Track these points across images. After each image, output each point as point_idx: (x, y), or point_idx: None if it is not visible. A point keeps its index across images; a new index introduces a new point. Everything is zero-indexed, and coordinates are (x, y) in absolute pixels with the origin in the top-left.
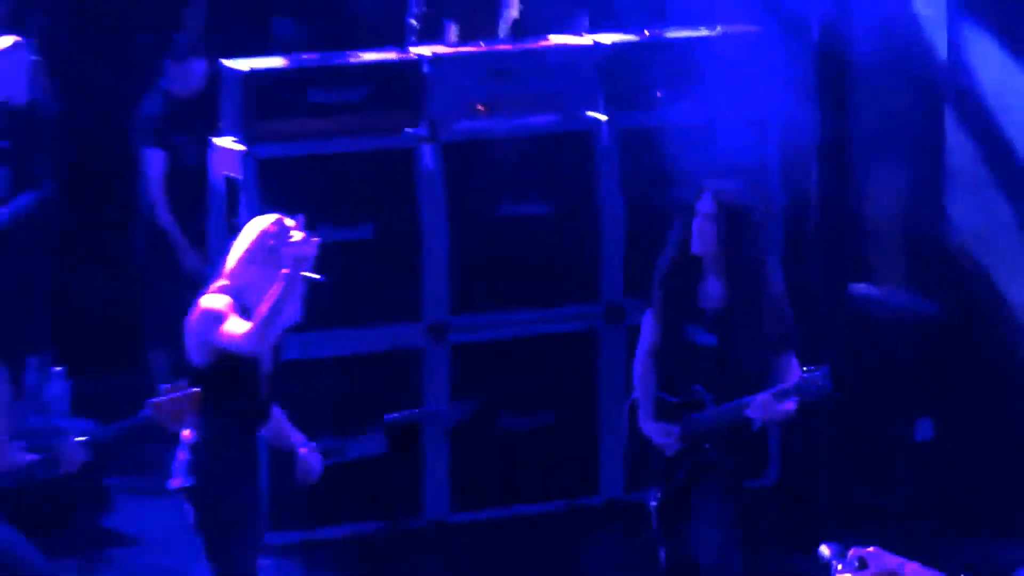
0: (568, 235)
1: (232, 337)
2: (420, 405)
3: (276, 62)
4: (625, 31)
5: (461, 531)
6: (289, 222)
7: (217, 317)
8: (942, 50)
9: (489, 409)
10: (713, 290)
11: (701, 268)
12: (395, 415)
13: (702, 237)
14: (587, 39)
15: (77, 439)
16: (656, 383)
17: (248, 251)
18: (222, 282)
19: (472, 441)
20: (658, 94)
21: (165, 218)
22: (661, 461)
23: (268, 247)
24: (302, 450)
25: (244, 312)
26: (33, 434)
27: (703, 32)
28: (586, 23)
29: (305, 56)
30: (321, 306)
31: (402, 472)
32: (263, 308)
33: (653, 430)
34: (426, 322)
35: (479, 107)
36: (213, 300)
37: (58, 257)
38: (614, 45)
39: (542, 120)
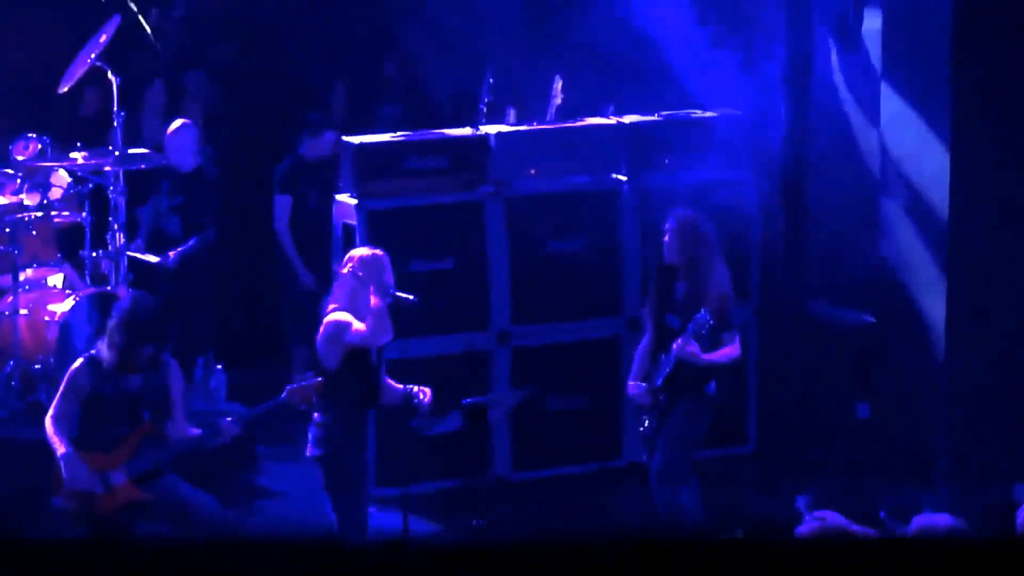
0: (599, 265)
1: (359, 332)
2: (488, 392)
3: (381, 137)
4: (642, 113)
5: (520, 486)
6: (367, 252)
7: (346, 326)
8: (874, 135)
9: (539, 395)
10: (680, 287)
11: (675, 272)
12: (469, 400)
13: (668, 248)
14: (613, 120)
15: (232, 417)
16: (649, 357)
17: (351, 281)
18: (336, 305)
19: (528, 418)
20: (666, 161)
21: (290, 250)
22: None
23: (361, 277)
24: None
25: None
26: (200, 416)
27: (699, 114)
28: (612, 108)
29: (402, 133)
30: (414, 319)
31: (475, 442)
32: (369, 320)
33: (631, 388)
34: (494, 330)
35: (532, 171)
36: (339, 316)
37: (220, 279)
38: (633, 124)
39: (579, 180)
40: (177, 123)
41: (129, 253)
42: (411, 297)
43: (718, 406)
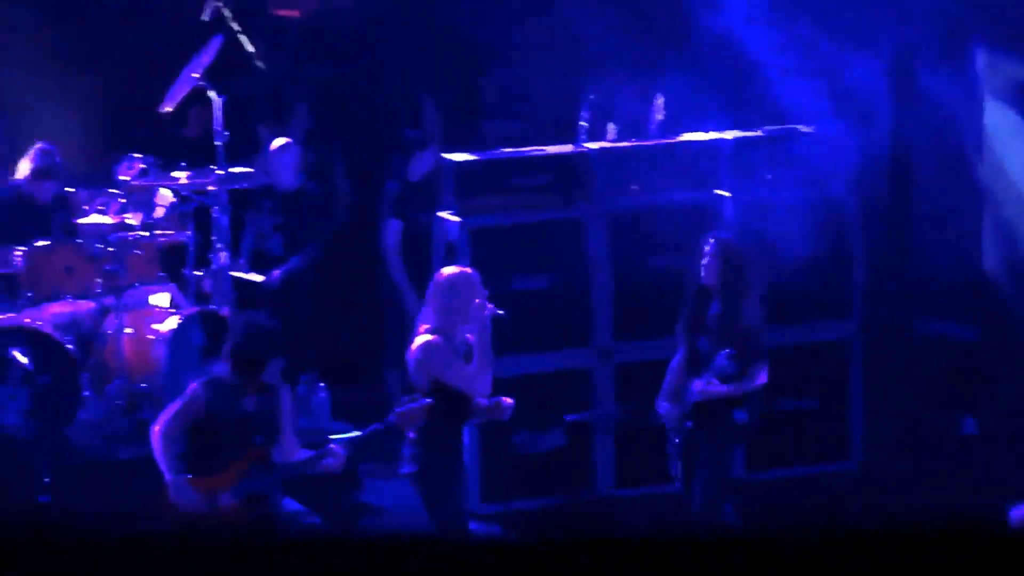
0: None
1: (460, 381)
2: (590, 409)
3: (483, 155)
4: (743, 129)
5: (622, 502)
6: (456, 271)
7: (444, 360)
8: (978, 146)
9: (642, 411)
10: (713, 310)
11: (710, 294)
12: (572, 416)
13: (705, 271)
14: (714, 135)
15: (342, 439)
16: (681, 374)
17: (444, 299)
18: (427, 326)
19: (630, 434)
20: (768, 176)
21: (398, 275)
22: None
23: (460, 296)
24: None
25: (454, 347)
26: (304, 434)
27: (801, 129)
28: (714, 124)
29: (504, 150)
30: (516, 336)
31: (577, 459)
32: (475, 365)
33: (660, 407)
34: (595, 347)
35: (633, 187)
36: (432, 341)
37: (322, 300)
38: (735, 140)
39: (681, 196)
40: (279, 142)
41: (232, 273)
42: (501, 312)
43: (750, 431)
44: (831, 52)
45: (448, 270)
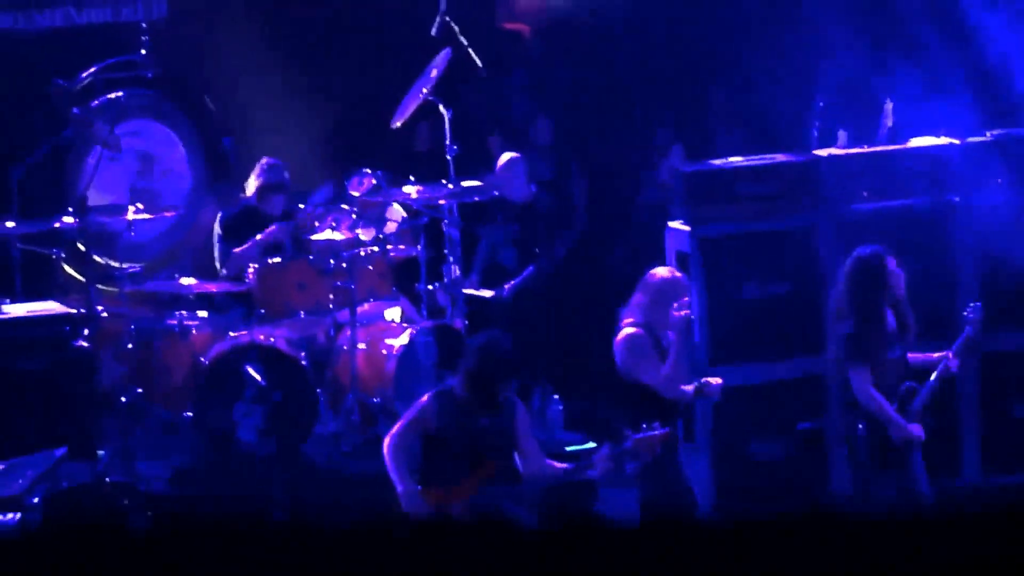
0: (933, 288)
1: (652, 381)
2: (824, 417)
3: (713, 164)
4: (975, 135)
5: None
6: (667, 273)
7: (641, 354)
8: None
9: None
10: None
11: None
12: (805, 424)
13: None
14: (944, 140)
15: (605, 453)
16: None
17: (650, 298)
18: (632, 319)
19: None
20: (999, 180)
21: None
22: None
23: (665, 297)
24: None
25: (656, 344)
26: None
27: None
28: (942, 129)
29: (734, 158)
30: (748, 345)
31: (811, 467)
32: (668, 367)
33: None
34: (827, 355)
35: (864, 194)
36: (635, 334)
37: (555, 312)
38: (965, 144)
39: (912, 202)
40: (507, 156)
41: (464, 291)
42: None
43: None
44: None
45: (659, 271)
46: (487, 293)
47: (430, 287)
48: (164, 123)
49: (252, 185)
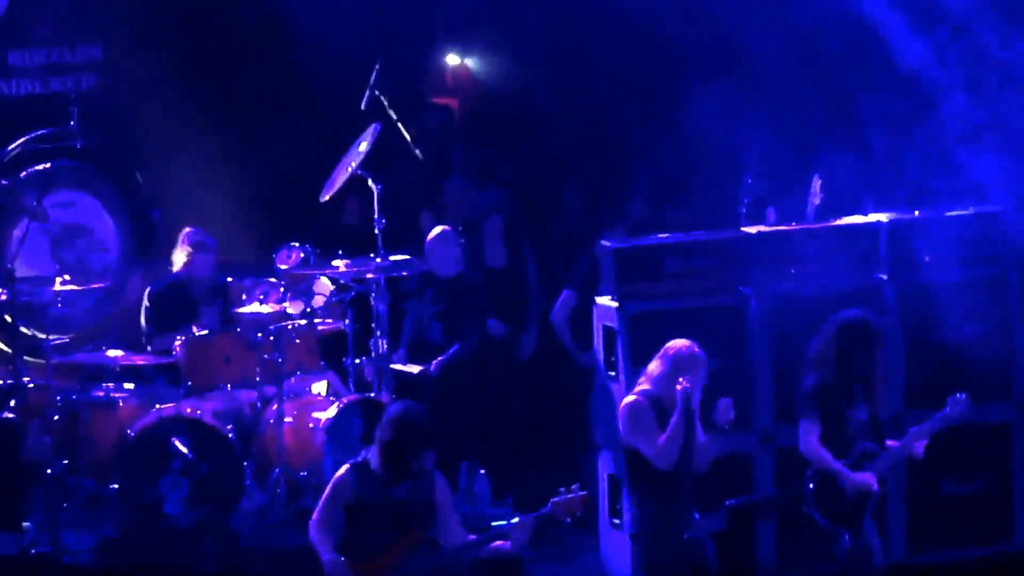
0: None
1: (645, 450)
2: (752, 493)
3: (641, 240)
4: (898, 211)
5: None
6: (685, 346)
7: (637, 422)
8: None
9: (803, 495)
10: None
11: None
12: (733, 501)
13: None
14: (872, 217)
15: (523, 523)
16: None
17: (664, 369)
18: (645, 387)
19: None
20: (926, 259)
21: (567, 340)
22: None
23: (678, 368)
24: None
25: (660, 414)
26: (464, 519)
27: (958, 212)
28: (871, 206)
29: (662, 235)
30: None
31: (739, 543)
32: (664, 438)
33: None
34: (756, 431)
35: (792, 270)
36: (634, 401)
37: (482, 388)
38: (892, 222)
39: (838, 280)
40: (437, 230)
41: (392, 366)
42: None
43: None
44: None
45: (678, 342)
46: (414, 368)
47: (357, 361)
48: (92, 194)
49: (179, 257)
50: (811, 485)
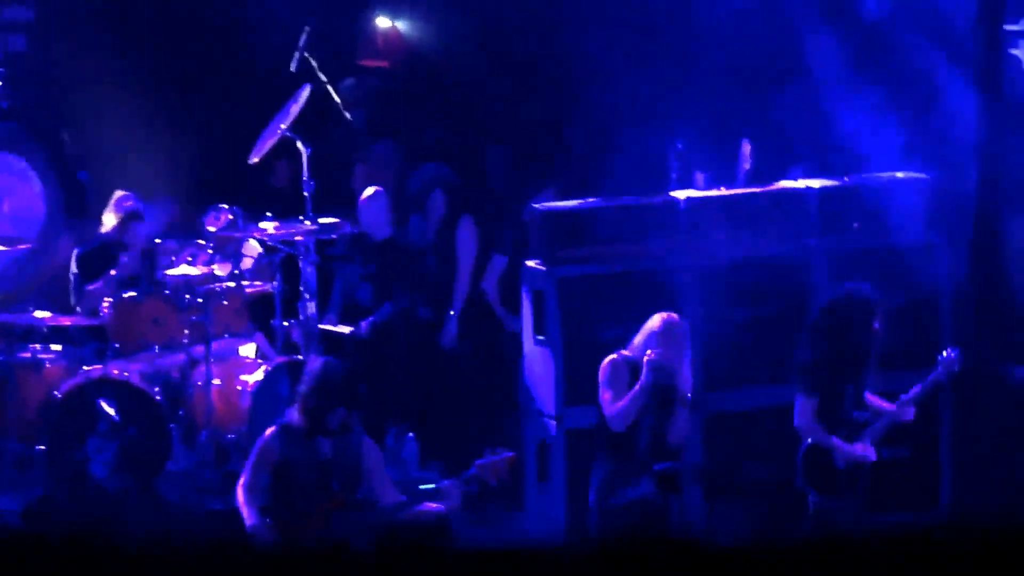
0: (787, 332)
1: (603, 409)
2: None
3: (570, 204)
4: (829, 178)
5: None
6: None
7: (607, 381)
8: None
9: (735, 463)
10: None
11: None
12: (661, 466)
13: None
14: (802, 184)
15: (449, 485)
16: None
17: (643, 337)
18: (626, 353)
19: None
20: (855, 225)
21: (497, 306)
22: None
23: (651, 337)
24: None
25: (634, 380)
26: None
27: (886, 177)
28: (800, 172)
29: (590, 199)
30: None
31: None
32: (624, 401)
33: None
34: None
35: (721, 235)
36: (614, 362)
37: (411, 350)
38: (822, 188)
39: (767, 246)
40: (369, 191)
41: (321, 326)
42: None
43: None
44: (914, 97)
45: (657, 315)
46: (345, 329)
47: (285, 323)
48: (19, 155)
49: (110, 219)
50: (803, 461)
